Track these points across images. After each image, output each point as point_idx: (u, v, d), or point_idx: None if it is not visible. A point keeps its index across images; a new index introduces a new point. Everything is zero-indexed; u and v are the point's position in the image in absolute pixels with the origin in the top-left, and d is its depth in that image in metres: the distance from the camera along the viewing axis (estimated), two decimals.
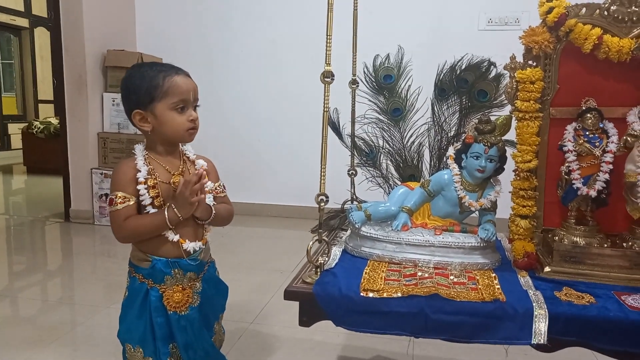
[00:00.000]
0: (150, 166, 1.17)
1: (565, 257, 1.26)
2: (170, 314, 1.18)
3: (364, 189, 1.69)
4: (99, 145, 3.86)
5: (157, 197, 1.15)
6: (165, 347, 1.19)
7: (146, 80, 1.13)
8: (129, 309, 1.21)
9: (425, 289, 1.13)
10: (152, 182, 1.15)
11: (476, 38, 3.49)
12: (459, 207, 1.37)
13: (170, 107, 1.13)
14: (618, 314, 1.04)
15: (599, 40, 1.25)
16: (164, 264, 1.18)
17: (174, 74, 1.14)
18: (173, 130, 1.15)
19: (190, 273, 1.21)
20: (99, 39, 3.83)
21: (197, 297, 1.23)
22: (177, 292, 1.19)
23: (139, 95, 1.13)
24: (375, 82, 1.59)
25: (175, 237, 1.16)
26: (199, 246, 1.20)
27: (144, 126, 1.16)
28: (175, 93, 1.13)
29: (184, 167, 1.21)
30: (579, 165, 1.27)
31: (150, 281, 1.19)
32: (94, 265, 3.08)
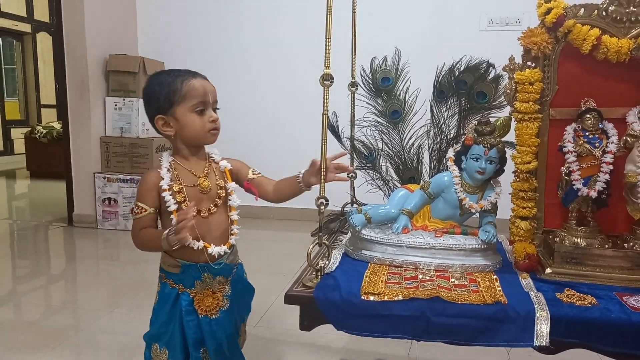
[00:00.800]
0: (176, 172, 1.20)
1: (566, 259, 1.26)
2: (201, 318, 1.21)
3: (363, 191, 1.68)
4: (101, 150, 3.88)
5: (184, 201, 1.18)
6: (197, 351, 1.21)
7: (165, 86, 1.17)
8: (159, 313, 1.23)
9: (427, 292, 1.12)
10: (177, 187, 1.18)
11: (477, 39, 3.49)
12: (459, 209, 1.37)
13: (190, 109, 1.17)
14: (620, 315, 1.04)
15: (597, 41, 1.25)
16: (194, 268, 1.20)
17: (191, 77, 1.18)
18: (195, 132, 1.19)
19: (220, 277, 1.23)
20: (101, 44, 3.85)
21: (226, 300, 1.25)
22: (207, 297, 1.22)
23: (159, 101, 1.17)
24: (372, 84, 1.59)
25: (199, 244, 1.17)
26: (223, 250, 1.22)
27: (167, 131, 1.19)
28: (194, 95, 1.17)
29: (209, 168, 1.23)
30: (579, 166, 1.27)
31: (181, 286, 1.21)
32: (97, 270, 3.09)
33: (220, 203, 1.23)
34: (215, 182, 1.23)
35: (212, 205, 1.21)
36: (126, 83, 3.85)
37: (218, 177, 1.24)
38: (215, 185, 1.22)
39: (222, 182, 1.24)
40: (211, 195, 1.22)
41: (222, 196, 1.23)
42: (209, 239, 1.20)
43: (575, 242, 1.28)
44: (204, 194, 1.21)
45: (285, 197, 1.29)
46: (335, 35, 1.63)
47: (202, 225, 1.20)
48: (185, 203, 1.17)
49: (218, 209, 1.23)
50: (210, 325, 1.21)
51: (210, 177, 1.22)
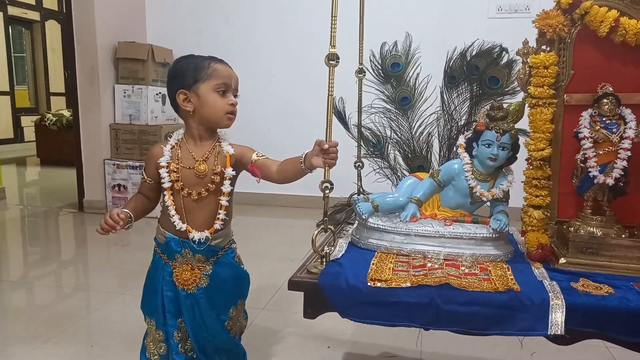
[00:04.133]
0: (179, 151, 1.25)
1: (581, 248, 1.23)
2: (179, 290, 1.26)
3: (371, 181, 1.66)
4: (111, 137, 3.89)
5: (177, 181, 1.23)
6: (172, 320, 1.27)
7: (192, 64, 1.23)
8: (148, 280, 1.32)
9: (436, 279, 1.10)
10: (174, 166, 1.23)
11: (486, 26, 3.42)
12: (470, 197, 1.34)
13: (213, 88, 1.21)
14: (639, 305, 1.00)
15: (615, 23, 1.21)
16: (176, 242, 1.25)
17: (217, 61, 1.24)
18: (214, 111, 1.22)
19: (199, 255, 1.26)
20: (110, 31, 3.84)
21: (206, 279, 1.28)
22: (186, 271, 1.26)
23: (185, 77, 1.22)
24: (382, 70, 1.55)
25: (183, 226, 1.23)
26: (204, 237, 1.24)
27: (187, 106, 1.23)
28: (219, 76, 1.22)
29: (211, 153, 1.25)
30: (595, 152, 1.23)
31: (165, 256, 1.28)
32: (107, 254, 3.11)
33: (213, 188, 1.25)
34: (212, 167, 1.24)
35: (204, 190, 1.24)
36: (135, 70, 3.84)
37: (217, 162, 1.25)
38: (212, 170, 1.24)
39: (219, 168, 1.25)
40: (205, 180, 1.24)
41: (216, 182, 1.25)
42: (195, 222, 1.24)
43: (590, 231, 1.24)
44: (198, 178, 1.24)
45: (288, 178, 1.27)
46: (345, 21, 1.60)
47: (191, 207, 1.24)
48: (178, 183, 1.23)
49: (209, 194, 1.25)
50: (187, 299, 1.26)
51: (209, 161, 1.25)
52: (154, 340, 1.30)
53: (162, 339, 1.29)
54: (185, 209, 1.24)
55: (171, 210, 1.23)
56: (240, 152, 1.29)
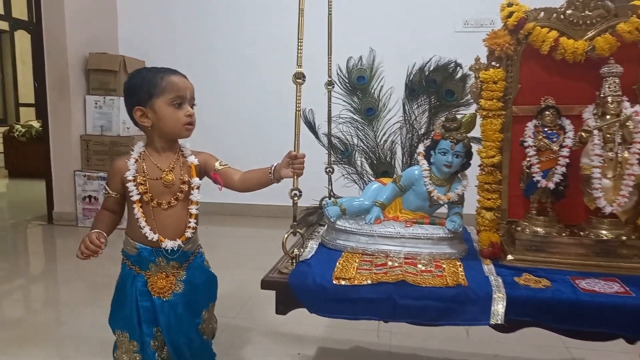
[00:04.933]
0: (143, 163, 1.26)
1: (527, 246, 1.35)
2: (154, 299, 1.27)
3: (340, 185, 1.75)
4: (81, 148, 3.88)
5: (146, 192, 1.25)
6: (149, 329, 1.28)
7: (146, 80, 1.25)
8: (118, 293, 1.31)
9: (394, 277, 1.20)
10: (141, 179, 1.25)
11: (453, 40, 3.58)
12: (429, 200, 1.45)
13: (167, 102, 1.24)
14: (570, 296, 1.12)
15: (555, 43, 1.34)
16: (149, 252, 1.27)
17: (170, 74, 1.26)
18: (171, 124, 1.25)
19: (173, 262, 1.29)
20: (81, 42, 3.85)
21: (181, 284, 1.30)
22: (161, 279, 1.28)
23: (140, 94, 1.24)
24: (349, 83, 1.66)
25: (155, 236, 1.25)
26: (177, 245, 1.27)
27: (144, 122, 1.26)
28: (172, 90, 1.24)
29: (176, 163, 1.29)
30: (539, 159, 1.35)
31: (137, 268, 1.28)
32: (78, 267, 3.09)
33: (182, 197, 1.28)
34: (179, 176, 1.29)
35: (173, 199, 1.27)
36: (107, 81, 3.85)
37: (183, 172, 1.30)
38: (179, 180, 1.28)
39: (186, 177, 1.29)
40: (173, 190, 1.28)
41: (185, 190, 1.29)
42: (165, 231, 1.27)
43: (535, 230, 1.36)
44: (166, 188, 1.27)
45: (251, 187, 1.34)
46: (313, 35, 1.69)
47: (161, 217, 1.27)
48: (147, 195, 1.25)
49: (179, 203, 1.28)
50: (163, 307, 1.27)
51: (176, 171, 1.28)
52: (127, 351, 1.30)
53: (136, 349, 1.29)
54: (155, 219, 1.26)
55: (141, 222, 1.24)
56: (203, 160, 1.34)
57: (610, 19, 1.33)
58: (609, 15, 1.33)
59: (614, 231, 1.33)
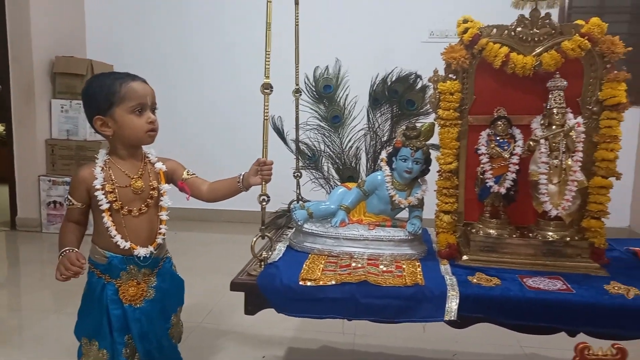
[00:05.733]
0: (110, 171, 1.25)
1: (480, 247, 1.44)
2: (125, 307, 1.27)
3: (308, 189, 1.82)
4: (47, 152, 3.82)
5: (115, 201, 1.24)
6: (121, 337, 1.27)
7: (104, 87, 1.22)
8: (86, 302, 1.30)
9: (356, 277, 1.27)
10: (109, 187, 1.23)
11: (420, 50, 3.70)
12: (391, 204, 1.53)
13: (128, 110, 1.22)
14: (517, 293, 1.21)
15: (506, 58, 1.44)
16: (119, 260, 1.26)
17: (130, 80, 1.24)
18: (133, 132, 1.24)
19: (145, 269, 1.30)
20: (48, 45, 3.80)
21: (152, 291, 1.31)
22: (132, 287, 1.27)
23: (99, 102, 1.22)
24: (315, 91, 1.73)
25: (127, 244, 1.24)
26: (149, 252, 1.28)
27: (105, 131, 1.25)
28: (133, 97, 1.22)
29: (144, 170, 1.30)
30: (492, 166, 1.45)
31: (107, 276, 1.27)
32: (42, 273, 3.05)
33: (152, 203, 1.29)
34: (148, 183, 1.29)
35: (144, 206, 1.27)
36: (73, 85, 3.81)
37: (152, 178, 1.30)
38: (148, 186, 1.29)
39: (155, 183, 1.30)
40: (143, 196, 1.28)
41: (154, 197, 1.29)
42: (137, 238, 1.27)
43: (488, 232, 1.46)
44: (136, 195, 1.27)
45: (219, 197, 1.37)
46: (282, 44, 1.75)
47: (132, 225, 1.26)
48: (117, 203, 1.24)
49: (149, 209, 1.29)
50: (135, 314, 1.27)
51: (144, 178, 1.28)
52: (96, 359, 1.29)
53: (107, 358, 1.28)
54: (126, 227, 1.25)
55: (112, 231, 1.23)
56: (171, 167, 1.35)
57: (556, 37, 1.44)
58: (554, 33, 1.44)
59: (560, 233, 1.43)
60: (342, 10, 3.93)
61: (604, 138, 1.43)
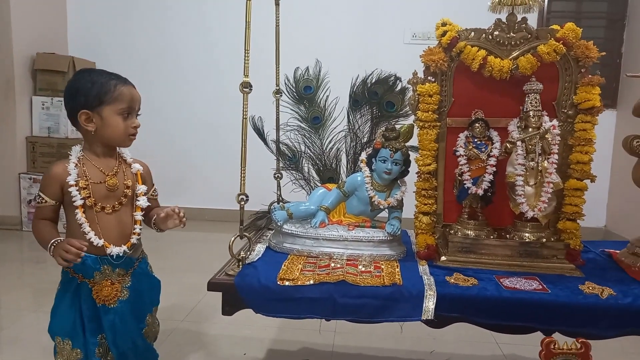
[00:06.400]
0: (84, 167, 1.25)
1: (458, 248, 1.46)
2: (99, 307, 1.26)
3: (288, 190, 1.82)
4: (27, 150, 3.76)
5: (89, 197, 1.23)
6: (93, 337, 1.26)
7: (97, 84, 1.23)
8: (60, 301, 1.28)
9: (335, 277, 1.27)
10: (83, 183, 1.23)
11: (402, 51, 3.73)
12: (370, 205, 1.53)
13: (117, 112, 1.25)
14: (494, 293, 1.23)
15: (484, 61, 1.46)
16: (93, 260, 1.25)
17: (123, 83, 1.27)
18: (116, 133, 1.26)
19: (119, 269, 1.29)
20: (28, 42, 3.74)
21: (126, 291, 1.30)
22: (106, 287, 1.26)
23: (88, 98, 1.23)
24: (296, 92, 1.73)
25: (100, 241, 1.24)
26: (123, 251, 1.27)
27: (88, 126, 1.25)
28: (124, 100, 1.25)
29: (119, 168, 1.30)
30: (469, 167, 1.47)
31: (81, 275, 1.26)
32: (21, 272, 3.01)
33: (126, 202, 1.29)
34: (123, 181, 1.29)
35: (117, 203, 1.27)
36: (54, 82, 3.76)
37: (127, 177, 1.31)
38: (123, 185, 1.29)
39: (130, 182, 1.30)
40: (117, 194, 1.27)
41: (129, 195, 1.29)
42: (110, 236, 1.26)
43: (466, 233, 1.47)
44: (109, 192, 1.26)
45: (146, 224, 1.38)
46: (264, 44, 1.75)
47: (105, 222, 1.26)
48: (90, 199, 1.23)
49: (123, 207, 1.28)
50: (108, 314, 1.26)
51: (119, 176, 1.29)
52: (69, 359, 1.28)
53: (80, 357, 1.27)
54: (99, 224, 1.24)
55: (85, 227, 1.22)
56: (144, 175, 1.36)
57: (532, 41, 1.46)
58: (531, 37, 1.46)
59: (536, 234, 1.45)
60: (324, 11, 3.93)
61: (579, 141, 1.46)
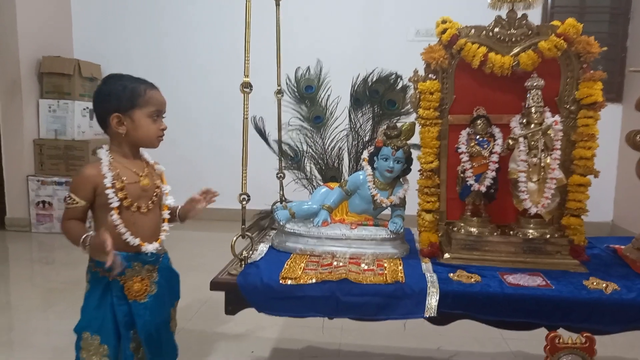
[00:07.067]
0: (117, 170, 1.27)
1: (462, 245, 1.46)
2: (131, 303, 1.29)
3: (291, 190, 1.82)
4: (35, 152, 3.81)
5: (126, 198, 1.27)
6: (127, 332, 1.30)
7: (129, 88, 1.28)
8: (89, 300, 1.31)
9: (337, 275, 1.27)
10: (119, 184, 1.26)
11: (406, 49, 3.70)
12: (373, 204, 1.54)
13: (147, 114, 1.29)
14: (496, 290, 1.23)
15: (484, 58, 1.45)
16: (124, 257, 1.27)
17: (152, 87, 1.32)
18: (146, 135, 1.30)
19: (148, 265, 1.32)
20: (34, 45, 3.78)
21: (154, 286, 1.34)
22: (136, 283, 1.30)
23: (121, 101, 1.27)
24: (297, 92, 1.73)
25: (136, 241, 1.27)
26: (156, 247, 1.31)
27: (119, 128, 1.28)
28: (154, 104, 1.30)
29: (148, 169, 1.34)
30: (472, 165, 1.47)
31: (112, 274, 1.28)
32: (31, 272, 3.04)
33: (156, 201, 1.33)
34: (153, 181, 1.33)
35: (150, 203, 1.31)
36: (60, 85, 3.79)
37: (155, 178, 1.35)
38: (154, 184, 1.33)
39: (158, 182, 1.35)
40: (149, 194, 1.31)
41: (159, 195, 1.34)
42: (143, 234, 1.29)
43: (469, 231, 1.47)
44: (144, 192, 1.30)
45: None
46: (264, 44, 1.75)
47: (140, 222, 1.29)
48: (127, 200, 1.27)
49: (154, 207, 1.33)
50: (139, 309, 1.29)
51: (150, 176, 1.33)
52: (96, 354, 1.29)
53: (107, 352, 1.29)
54: (135, 224, 1.27)
55: (121, 228, 1.24)
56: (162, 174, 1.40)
57: (532, 37, 1.45)
58: (531, 33, 1.46)
59: (539, 230, 1.45)
60: (325, 10, 3.93)
61: (582, 136, 1.46)
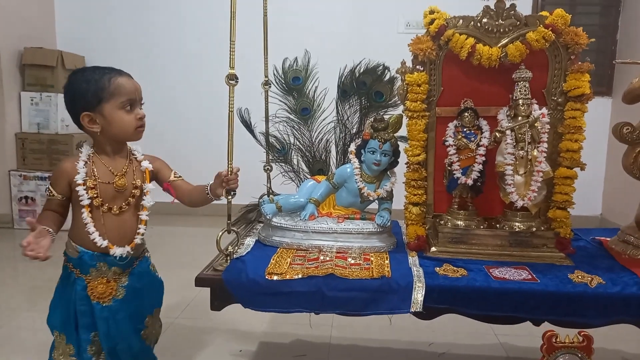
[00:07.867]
0: (93, 167, 1.22)
1: (448, 239, 1.45)
2: (93, 304, 1.24)
3: (278, 183, 1.80)
4: (17, 146, 3.72)
5: (96, 197, 1.21)
6: (86, 334, 1.25)
7: (92, 83, 1.19)
8: (57, 294, 1.28)
9: (323, 270, 1.26)
10: (91, 183, 1.21)
11: (395, 41, 3.68)
12: (360, 197, 1.52)
13: (118, 106, 1.20)
14: (483, 284, 1.22)
15: (472, 49, 1.44)
16: (90, 256, 1.23)
17: (117, 75, 1.21)
18: (122, 129, 1.22)
19: (115, 268, 1.26)
20: (16, 36, 3.69)
21: (122, 290, 1.28)
22: (101, 284, 1.25)
23: (86, 98, 1.19)
24: (284, 83, 1.70)
25: (104, 242, 1.22)
26: (126, 252, 1.25)
27: (93, 127, 1.22)
28: (122, 93, 1.20)
29: (128, 167, 1.27)
30: (459, 157, 1.45)
31: (78, 271, 1.25)
32: (14, 270, 2.99)
33: (133, 202, 1.27)
34: (132, 181, 1.26)
35: (124, 204, 1.25)
36: (43, 77, 3.71)
37: (136, 177, 1.28)
38: (131, 185, 1.26)
39: (139, 182, 1.27)
40: (125, 194, 1.25)
41: (137, 195, 1.27)
42: (115, 236, 1.24)
43: (456, 224, 1.46)
44: (118, 192, 1.24)
45: (196, 204, 1.36)
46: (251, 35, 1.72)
47: (111, 223, 1.24)
48: (97, 199, 1.21)
49: (130, 208, 1.26)
50: (102, 312, 1.24)
51: (128, 175, 1.26)
52: (64, 354, 1.27)
53: (72, 352, 1.26)
54: (105, 225, 1.22)
55: (90, 228, 1.20)
56: (157, 167, 1.33)
57: (520, 28, 1.44)
58: (519, 24, 1.44)
59: (526, 223, 1.45)
60: (315, 1, 3.88)
61: (569, 129, 1.45)
